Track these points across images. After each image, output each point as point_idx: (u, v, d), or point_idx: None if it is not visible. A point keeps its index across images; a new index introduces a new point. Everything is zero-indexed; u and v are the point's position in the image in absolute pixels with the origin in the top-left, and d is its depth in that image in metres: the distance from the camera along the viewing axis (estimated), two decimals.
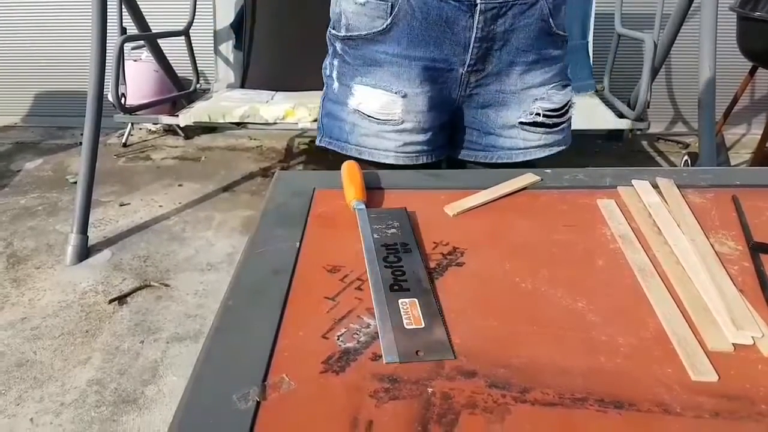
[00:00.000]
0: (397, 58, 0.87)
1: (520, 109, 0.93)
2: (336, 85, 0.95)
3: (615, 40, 2.82)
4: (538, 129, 0.95)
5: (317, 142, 1.01)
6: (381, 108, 0.91)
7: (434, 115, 0.93)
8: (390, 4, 0.83)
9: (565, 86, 0.96)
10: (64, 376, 1.64)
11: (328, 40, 0.95)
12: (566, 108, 0.96)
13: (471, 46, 0.85)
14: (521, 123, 0.94)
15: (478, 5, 0.82)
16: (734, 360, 0.48)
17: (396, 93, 0.89)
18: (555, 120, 0.95)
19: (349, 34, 0.89)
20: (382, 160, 0.95)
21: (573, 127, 1.02)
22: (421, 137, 0.94)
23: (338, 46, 0.92)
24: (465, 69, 0.88)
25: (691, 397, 0.44)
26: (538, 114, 0.93)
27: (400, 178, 0.84)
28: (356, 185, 0.73)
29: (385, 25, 0.84)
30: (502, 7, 0.83)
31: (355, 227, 0.68)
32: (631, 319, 0.53)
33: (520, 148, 0.96)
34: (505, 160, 0.97)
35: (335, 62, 0.94)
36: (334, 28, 0.92)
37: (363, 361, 0.48)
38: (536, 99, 0.93)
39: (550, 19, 0.88)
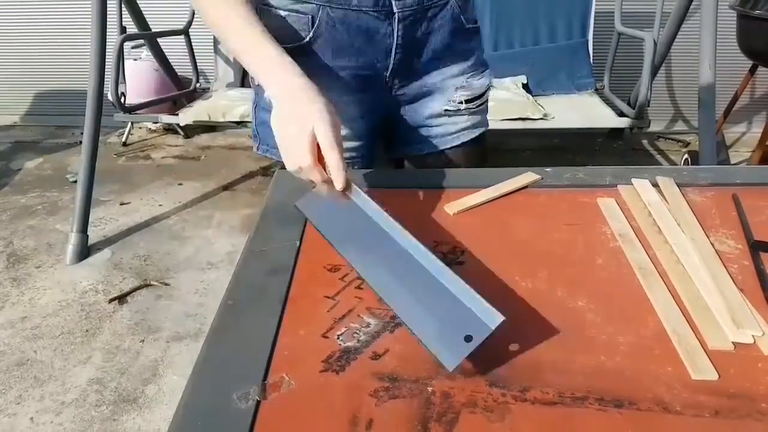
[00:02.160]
0: (324, 69, 0.87)
1: (444, 98, 0.96)
2: (266, 94, 0.92)
3: (615, 39, 2.81)
4: (462, 112, 0.98)
5: (255, 150, 1.02)
6: None
7: (366, 122, 0.95)
8: (311, 17, 0.83)
9: (482, 72, 0.99)
10: (65, 376, 1.64)
11: None
12: (485, 92, 1.00)
13: (393, 51, 0.87)
14: (446, 110, 0.97)
15: (396, 14, 0.83)
16: (734, 358, 0.48)
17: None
18: (477, 103, 0.99)
19: None
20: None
21: (573, 126, 1.04)
22: (355, 143, 0.95)
23: None
24: (389, 72, 0.90)
25: (692, 396, 0.44)
26: (461, 102, 0.97)
27: (400, 177, 0.84)
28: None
29: (308, 38, 0.85)
30: (417, 12, 0.85)
31: None
32: (631, 318, 0.53)
33: (451, 133, 0.99)
34: (440, 148, 0.99)
35: None
36: None
37: (363, 360, 0.48)
38: (457, 88, 0.96)
39: (461, 17, 0.90)
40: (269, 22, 0.83)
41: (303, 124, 0.67)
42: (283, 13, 0.84)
